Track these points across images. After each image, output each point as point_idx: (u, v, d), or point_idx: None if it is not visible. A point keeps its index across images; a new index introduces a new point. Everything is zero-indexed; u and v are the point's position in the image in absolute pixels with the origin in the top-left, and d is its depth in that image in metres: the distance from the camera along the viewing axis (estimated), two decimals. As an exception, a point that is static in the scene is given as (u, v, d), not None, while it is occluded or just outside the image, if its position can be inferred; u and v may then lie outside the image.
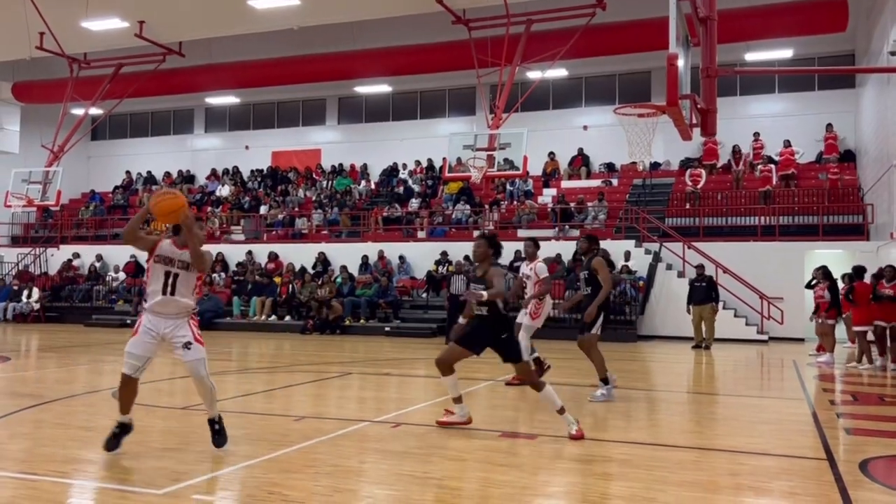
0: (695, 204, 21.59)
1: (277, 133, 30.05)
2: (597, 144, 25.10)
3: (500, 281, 6.55)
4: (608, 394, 8.54)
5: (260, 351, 15.38)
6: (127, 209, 29.17)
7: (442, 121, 27.25)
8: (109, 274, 24.78)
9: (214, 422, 5.86)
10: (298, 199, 26.98)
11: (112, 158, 32.26)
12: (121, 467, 5.36)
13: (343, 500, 4.58)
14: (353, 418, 7.37)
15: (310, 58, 24.82)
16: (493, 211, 23.10)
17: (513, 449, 6.03)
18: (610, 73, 25.33)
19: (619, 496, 4.70)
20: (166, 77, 25.67)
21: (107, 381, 10.19)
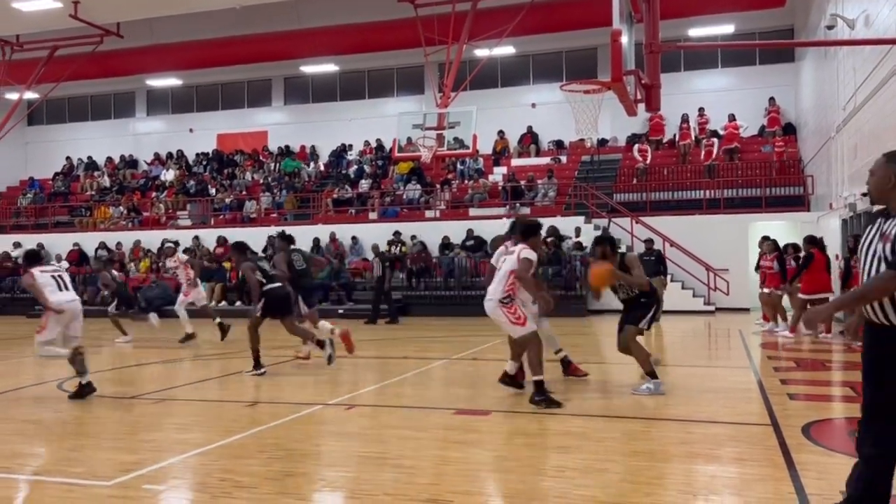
0: (642, 179, 21.89)
1: (222, 115, 29.43)
2: (545, 122, 25.19)
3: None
4: (655, 388, 7.35)
5: (211, 337, 15.14)
6: (68, 196, 28.35)
7: (391, 100, 27.02)
8: (52, 263, 24.07)
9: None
10: (246, 183, 26.55)
11: (51, 144, 31.21)
12: (68, 460, 5.23)
13: (296, 483, 4.56)
14: (306, 402, 7.32)
15: (253, 37, 24.31)
16: (444, 190, 23.08)
17: (468, 425, 6.07)
18: (557, 49, 25.39)
19: (574, 468, 4.77)
20: (105, 59, 24.86)
21: (52, 373, 9.93)
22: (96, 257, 12.19)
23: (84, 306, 18.96)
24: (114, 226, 25.31)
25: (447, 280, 19.53)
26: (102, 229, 25.03)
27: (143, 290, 20.83)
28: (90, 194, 27.92)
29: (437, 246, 20.58)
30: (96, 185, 28.38)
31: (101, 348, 12.90)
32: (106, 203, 26.67)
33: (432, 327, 15.86)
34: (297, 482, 4.59)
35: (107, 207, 26.28)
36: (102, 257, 12.17)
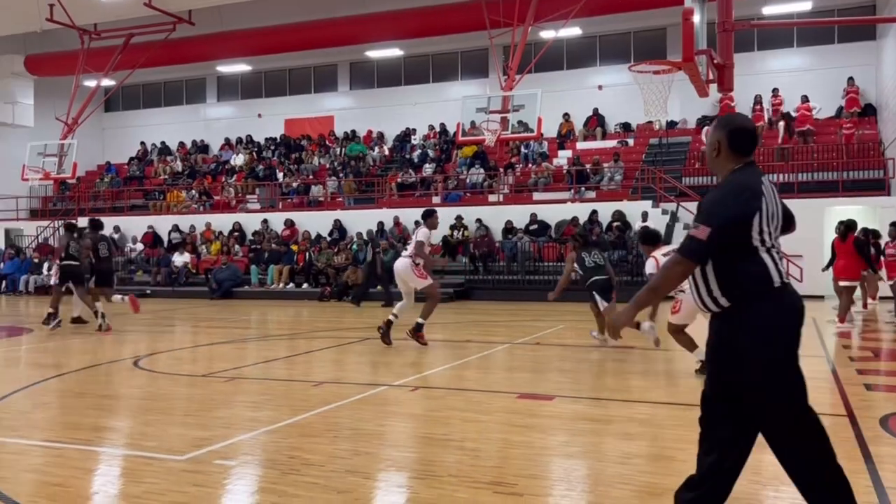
0: (712, 162, 21.31)
1: (290, 100, 29.90)
2: (612, 104, 24.78)
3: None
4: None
5: (279, 318, 15.50)
6: (143, 180, 29.29)
7: (455, 84, 26.98)
8: (128, 245, 24.96)
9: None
10: (312, 167, 26.94)
11: (126, 129, 32.30)
12: (143, 434, 5.43)
13: (362, 463, 4.62)
14: (371, 383, 7.42)
15: (320, 23, 24.56)
16: (507, 174, 22.97)
17: (531, 410, 6.05)
18: (625, 30, 24.90)
19: (639, 455, 4.71)
20: (177, 46, 25.51)
21: (128, 351, 10.32)
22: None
23: (157, 287, 19.54)
24: (186, 209, 26.05)
25: (510, 265, 19.46)
26: (175, 212, 25.80)
27: (215, 272, 21.44)
28: (163, 178, 28.79)
29: (500, 230, 20.52)
30: (169, 169, 29.25)
31: (174, 328, 13.35)
32: (178, 187, 27.47)
33: (495, 312, 15.85)
34: (363, 461, 4.65)
35: (179, 191, 27.06)
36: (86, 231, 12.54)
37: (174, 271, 22.31)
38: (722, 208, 3.02)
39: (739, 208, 3.00)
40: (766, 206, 3.04)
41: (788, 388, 3.14)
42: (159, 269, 22.59)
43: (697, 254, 3.03)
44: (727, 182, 3.14)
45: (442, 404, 6.36)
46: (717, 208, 3.03)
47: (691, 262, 3.06)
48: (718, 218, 3.00)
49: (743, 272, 3.03)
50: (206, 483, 4.23)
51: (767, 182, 3.14)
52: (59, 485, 4.21)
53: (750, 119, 3.31)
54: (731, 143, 3.17)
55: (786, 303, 3.08)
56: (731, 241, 3.01)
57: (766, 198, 3.05)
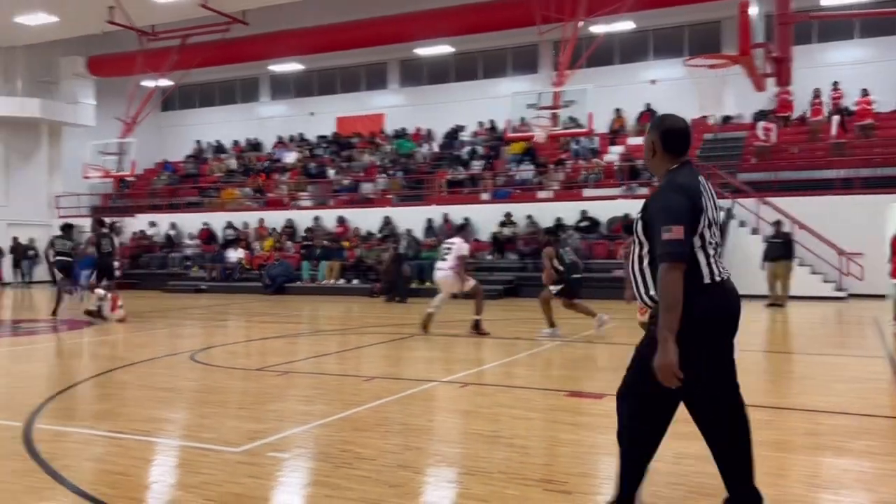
0: (767, 158, 20.82)
1: (341, 98, 30.20)
2: (665, 99, 24.35)
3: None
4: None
5: (330, 314, 15.69)
6: (198, 178, 29.93)
7: (504, 80, 26.90)
8: (184, 241, 25.55)
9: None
10: (363, 165, 27.17)
11: (182, 128, 33.06)
12: (200, 426, 5.57)
13: (413, 457, 4.66)
14: (421, 378, 7.46)
15: (371, 21, 24.75)
16: (557, 170, 22.81)
17: (580, 408, 6.01)
18: (678, 24, 24.48)
19: (692, 455, 4.64)
20: (231, 46, 26.01)
21: (185, 344, 10.58)
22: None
23: (212, 282, 19.85)
24: (240, 206, 26.53)
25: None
26: (229, 209, 26.30)
27: (268, 268, 21.82)
28: (218, 176, 29.37)
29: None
30: (224, 167, 29.83)
31: (228, 322, 13.62)
32: (232, 184, 27.98)
33: (545, 309, 15.74)
34: (414, 456, 4.70)
35: (233, 188, 27.57)
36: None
37: (228, 267, 22.76)
38: (678, 206, 3.07)
39: (688, 206, 3.08)
40: (706, 203, 3.12)
41: (717, 382, 3.24)
42: (214, 265, 23.09)
43: (682, 254, 3.04)
44: (669, 183, 3.20)
45: (491, 401, 6.37)
46: (674, 207, 3.08)
47: (680, 263, 3.04)
48: (683, 215, 3.05)
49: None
50: (261, 475, 4.32)
51: (704, 181, 3.21)
52: (121, 473, 4.35)
53: (683, 119, 3.34)
54: (665, 143, 3.24)
55: (716, 299, 3.14)
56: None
57: (705, 197, 3.13)
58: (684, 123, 3.32)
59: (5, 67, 27.95)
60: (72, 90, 29.31)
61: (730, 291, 3.22)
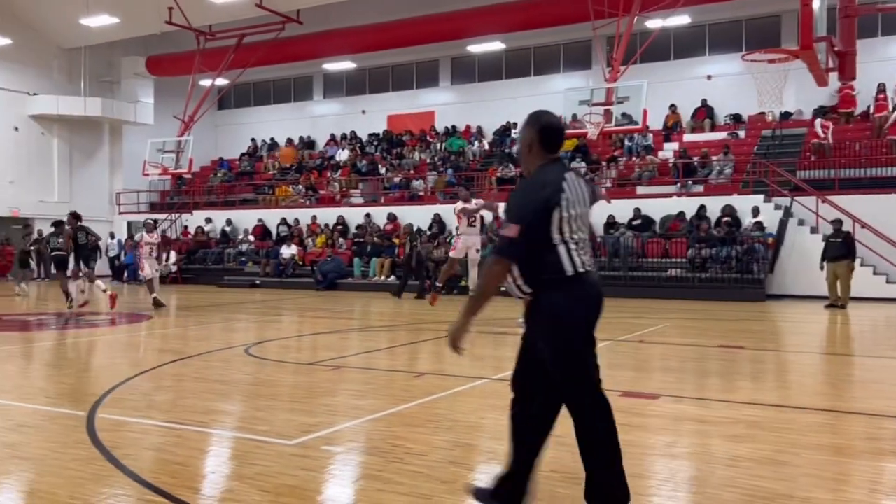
0: (826, 154, 20.22)
1: (392, 96, 30.39)
2: (722, 95, 23.91)
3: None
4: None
5: (380, 310, 15.81)
6: (253, 175, 30.46)
7: (556, 77, 26.71)
8: (239, 237, 26.03)
9: None
10: (413, 162, 27.29)
11: (238, 126, 33.68)
12: (255, 419, 5.67)
13: (464, 454, 4.67)
14: (471, 375, 7.46)
15: (423, 19, 24.84)
16: (610, 168, 22.56)
17: (634, 408, 5.93)
18: (736, 18, 23.96)
19: (749, 458, 4.54)
20: (286, 45, 26.39)
21: (239, 338, 10.79)
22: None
23: (265, 277, 20.14)
24: (293, 203, 26.91)
25: (611, 260, 19.12)
26: (283, 206, 26.71)
27: (320, 264, 22.09)
28: (272, 173, 29.85)
29: (601, 225, 20.18)
30: (277, 164, 30.29)
31: (281, 317, 13.82)
32: (286, 182, 28.41)
33: (596, 307, 15.59)
34: (465, 452, 4.70)
35: (287, 186, 27.99)
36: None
37: (282, 263, 23.11)
38: (526, 204, 3.22)
39: (542, 203, 3.19)
40: (566, 200, 3.23)
41: (576, 371, 3.36)
42: (268, 261, 23.47)
43: (511, 252, 3.23)
44: (531, 178, 3.33)
45: (542, 399, 6.33)
46: (522, 204, 3.24)
47: (507, 260, 3.23)
48: (525, 215, 3.20)
49: (540, 262, 3.24)
50: (314, 468, 4.38)
51: (571, 176, 3.32)
52: (180, 464, 4.46)
53: (557, 117, 3.51)
54: (542, 140, 3.36)
55: (576, 292, 3.28)
56: (535, 235, 3.21)
57: (566, 192, 3.24)
58: (560, 121, 3.52)
59: (69, 68, 28.87)
60: (132, 89, 30.14)
61: (591, 285, 3.34)
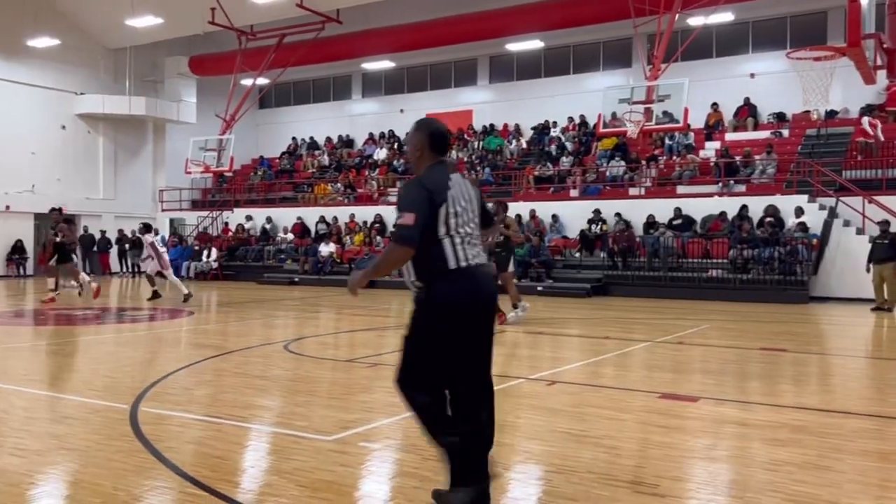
0: (873, 154, 19.73)
1: (430, 95, 30.43)
2: (765, 93, 23.49)
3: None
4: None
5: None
6: (292, 173, 30.77)
7: (596, 75, 26.49)
8: (279, 235, 26.32)
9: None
10: (450, 161, 27.26)
11: (278, 125, 34.06)
12: (293, 414, 5.72)
13: (500, 453, 4.64)
14: (507, 374, 7.44)
15: (462, 17, 24.83)
16: (650, 167, 22.32)
17: (673, 410, 5.86)
18: (781, 15, 23.52)
19: (791, 462, 4.46)
20: (325, 45, 26.60)
21: (277, 335, 10.91)
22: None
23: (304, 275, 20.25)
24: (332, 201, 27.13)
25: (651, 260, 18.91)
26: (321, 204, 26.94)
27: (358, 262, 22.22)
28: (311, 172, 30.13)
29: (641, 225, 19.97)
30: (317, 163, 30.57)
31: (319, 314, 13.94)
32: (325, 180, 28.65)
33: (634, 308, 15.46)
34: (501, 452, 4.68)
35: (326, 184, 28.22)
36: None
37: (320, 260, 23.31)
38: (416, 197, 3.44)
39: (429, 198, 3.43)
40: (451, 197, 3.47)
41: (461, 358, 3.50)
42: (307, 259, 23.68)
43: (410, 238, 3.41)
44: (422, 177, 3.57)
45: (579, 400, 6.29)
46: (413, 198, 3.45)
47: (407, 246, 3.43)
48: (418, 205, 3.42)
49: (427, 256, 3.44)
50: (352, 464, 4.41)
51: (457, 176, 3.58)
52: (220, 457, 4.52)
53: (443, 123, 3.76)
54: (431, 144, 3.62)
55: (459, 284, 3.45)
56: (424, 229, 3.40)
57: (452, 190, 3.49)
58: (446, 127, 3.76)
59: (115, 68, 29.47)
60: (175, 89, 30.66)
61: (477, 277, 3.50)
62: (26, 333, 11.33)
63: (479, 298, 3.52)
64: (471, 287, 3.48)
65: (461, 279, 3.46)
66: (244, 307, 15.37)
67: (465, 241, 3.49)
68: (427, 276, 3.50)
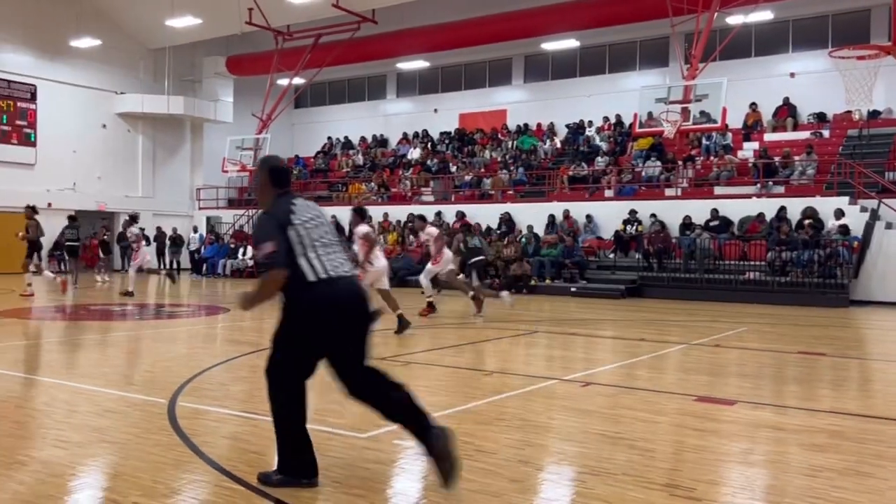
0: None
1: (465, 95, 30.43)
2: (805, 93, 23.08)
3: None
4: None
5: (449, 307, 15.85)
6: (327, 173, 30.98)
7: (632, 74, 26.27)
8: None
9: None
10: (484, 160, 27.27)
11: (313, 125, 34.33)
12: (328, 411, 5.76)
13: (534, 454, 4.64)
14: (540, 375, 7.42)
15: (498, 17, 24.79)
16: (686, 167, 22.06)
17: (709, 414, 5.79)
18: (822, 13, 23.09)
19: (831, 468, 4.38)
20: (361, 45, 26.74)
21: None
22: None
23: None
24: (365, 200, 27.27)
25: (687, 262, 18.70)
26: (356, 204, 27.07)
27: (391, 262, 22.26)
28: (346, 171, 30.31)
29: (676, 226, 19.75)
30: (351, 162, 30.74)
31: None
32: (359, 179, 28.80)
33: (669, 311, 15.30)
34: (535, 452, 4.68)
35: (360, 183, 28.37)
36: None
37: (354, 259, 23.41)
38: (270, 227, 3.85)
39: (281, 224, 3.84)
40: (298, 220, 3.87)
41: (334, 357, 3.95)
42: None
43: (278, 262, 3.78)
44: (269, 210, 3.97)
45: (614, 402, 6.25)
46: (266, 230, 3.86)
47: (279, 268, 3.79)
48: (272, 234, 3.81)
49: (288, 276, 3.81)
50: (386, 461, 4.44)
51: (300, 200, 4.01)
52: (257, 453, 4.58)
53: (282, 159, 4.30)
54: (271, 179, 4.04)
55: (321, 293, 3.82)
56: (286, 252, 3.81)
57: (297, 215, 3.89)
58: (284, 163, 4.27)
59: (154, 68, 29.96)
60: (213, 88, 31.07)
61: (339, 286, 3.87)
62: (66, 328, 11.57)
63: (342, 304, 3.86)
64: (331, 294, 3.84)
65: (321, 288, 3.83)
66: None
67: (320, 256, 3.87)
68: (287, 289, 3.87)
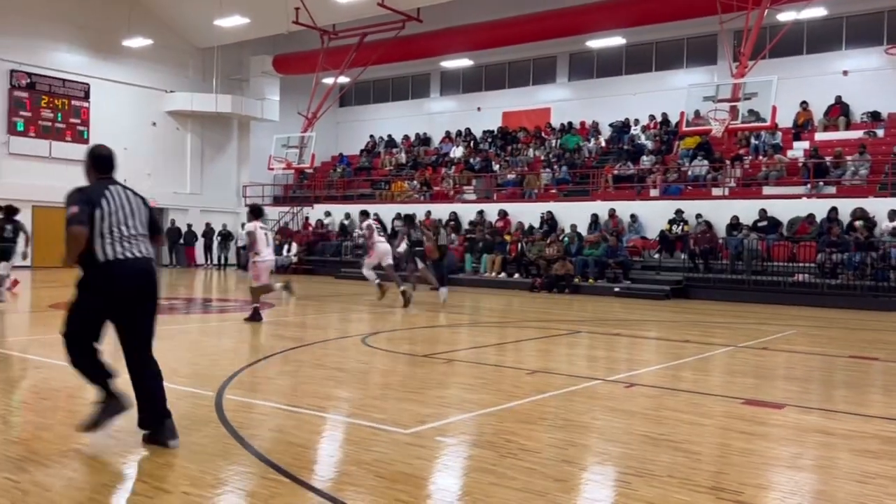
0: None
1: (508, 93, 30.34)
2: (858, 91, 22.48)
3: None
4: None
5: (490, 306, 15.85)
6: (371, 171, 31.18)
7: (679, 72, 25.90)
8: (356, 231, 26.71)
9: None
10: (527, 159, 27.15)
11: (357, 123, 34.57)
12: (371, 406, 5.81)
13: (577, 454, 4.62)
14: (583, 375, 7.37)
15: (542, 14, 24.66)
16: (734, 166, 21.67)
17: (757, 417, 5.69)
18: (877, 9, 22.46)
19: (884, 475, 4.27)
20: (405, 43, 26.84)
21: (354, 328, 11.08)
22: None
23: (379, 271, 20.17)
24: (408, 198, 27.37)
25: (734, 263, 18.37)
26: (398, 201, 27.21)
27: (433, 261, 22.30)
28: (389, 169, 30.46)
29: (723, 226, 19.42)
30: (394, 160, 30.89)
31: (395, 309, 14.10)
32: (402, 177, 28.92)
33: (715, 312, 15.07)
34: (578, 452, 4.65)
35: (402, 181, 28.50)
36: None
37: (396, 257, 23.52)
38: (78, 197, 4.34)
39: (88, 200, 4.35)
40: (106, 204, 4.37)
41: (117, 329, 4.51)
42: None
43: (79, 220, 4.26)
44: (82, 186, 4.48)
45: (658, 403, 6.18)
46: (77, 198, 4.34)
47: (77, 226, 4.26)
48: (78, 201, 4.31)
49: (86, 252, 4.32)
50: (429, 457, 4.45)
51: (116, 188, 4.50)
52: (301, 446, 4.64)
53: (108, 148, 4.69)
54: (93, 165, 4.59)
55: (107, 273, 4.34)
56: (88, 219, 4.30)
57: (106, 200, 4.39)
58: (109, 151, 4.67)
59: (203, 67, 30.49)
60: (259, 87, 31.51)
61: (126, 268, 4.38)
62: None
63: (126, 284, 4.39)
64: (119, 275, 4.36)
65: (109, 269, 4.34)
66: (322, 301, 15.69)
67: (116, 240, 4.37)
68: (83, 265, 4.38)
